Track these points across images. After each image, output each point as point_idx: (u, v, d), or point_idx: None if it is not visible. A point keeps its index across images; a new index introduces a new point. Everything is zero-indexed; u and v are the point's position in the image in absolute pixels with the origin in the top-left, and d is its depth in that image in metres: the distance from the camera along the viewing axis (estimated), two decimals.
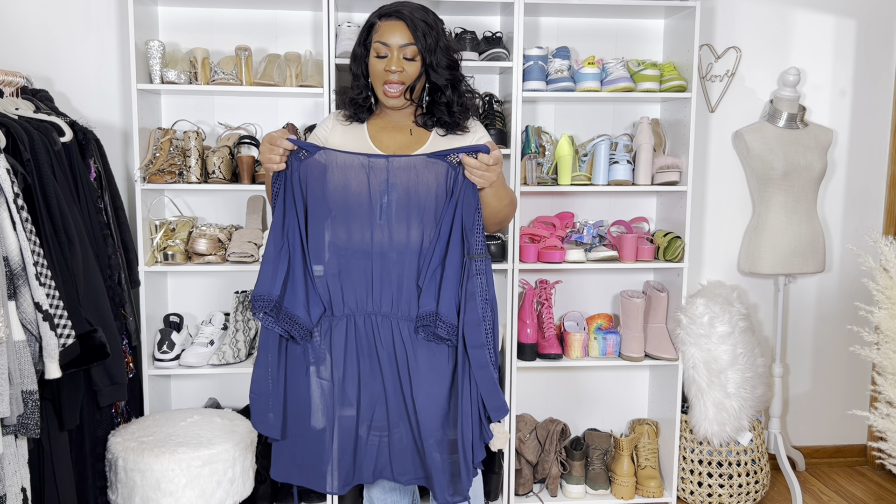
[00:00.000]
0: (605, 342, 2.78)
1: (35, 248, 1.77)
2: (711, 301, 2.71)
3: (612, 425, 3.06)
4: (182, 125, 2.68)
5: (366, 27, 1.92)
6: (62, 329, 1.80)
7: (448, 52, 1.90)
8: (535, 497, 2.81)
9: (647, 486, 2.81)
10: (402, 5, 1.87)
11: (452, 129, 1.94)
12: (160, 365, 2.57)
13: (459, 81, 1.94)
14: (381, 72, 1.86)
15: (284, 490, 2.66)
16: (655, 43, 2.90)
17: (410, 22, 1.84)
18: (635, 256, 2.73)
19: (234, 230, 2.72)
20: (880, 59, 3.05)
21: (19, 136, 1.88)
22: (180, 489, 2.11)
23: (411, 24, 1.84)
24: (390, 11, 1.87)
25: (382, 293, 1.81)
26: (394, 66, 1.84)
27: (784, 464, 2.90)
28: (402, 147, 1.93)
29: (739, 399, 2.70)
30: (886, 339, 2.00)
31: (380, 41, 1.86)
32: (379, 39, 1.86)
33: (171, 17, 2.72)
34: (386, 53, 1.85)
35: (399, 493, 2.16)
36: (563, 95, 2.67)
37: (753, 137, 2.85)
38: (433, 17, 1.89)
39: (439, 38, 1.88)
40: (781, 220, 2.84)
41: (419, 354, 1.80)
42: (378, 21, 1.88)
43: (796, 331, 3.15)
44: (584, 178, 2.73)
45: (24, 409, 1.72)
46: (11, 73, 2.17)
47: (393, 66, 1.84)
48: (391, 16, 1.86)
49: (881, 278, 2.01)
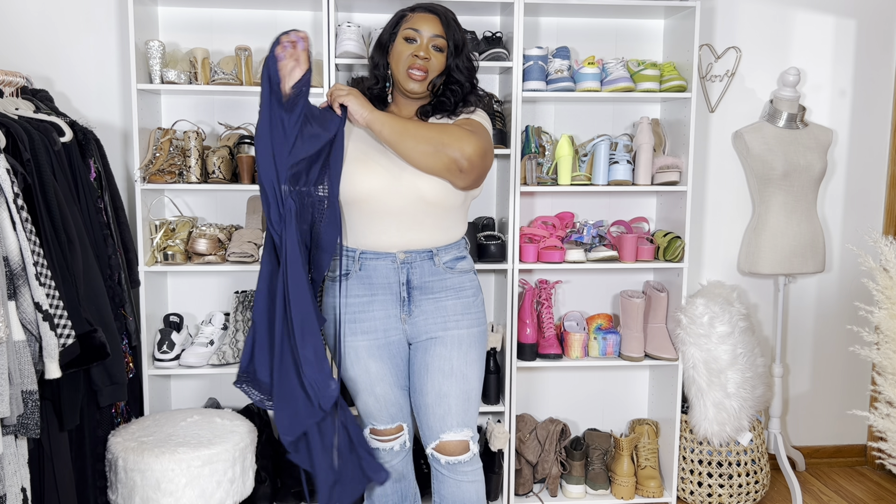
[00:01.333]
0: (605, 342, 2.78)
1: (35, 248, 1.77)
2: (711, 301, 2.71)
3: (612, 425, 3.06)
4: (182, 125, 2.68)
5: (395, 18, 1.97)
6: (62, 329, 1.80)
7: (471, 56, 1.98)
8: (535, 497, 2.81)
9: (647, 486, 2.81)
10: (436, 5, 1.95)
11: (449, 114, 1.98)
12: (160, 365, 2.57)
13: (474, 86, 2.01)
14: (407, 56, 1.90)
15: (284, 490, 2.66)
16: (655, 43, 2.90)
17: (444, 17, 1.92)
18: (635, 256, 2.73)
19: (234, 230, 2.72)
20: (880, 59, 3.05)
21: (19, 136, 1.88)
22: (180, 489, 2.11)
23: (444, 19, 1.91)
24: (425, 6, 1.94)
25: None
26: (423, 52, 1.89)
27: (784, 464, 2.90)
28: None
29: (739, 399, 2.70)
30: (886, 339, 2.00)
31: (412, 27, 1.91)
32: (411, 26, 1.91)
33: (171, 17, 2.72)
34: (416, 39, 1.90)
35: (399, 494, 2.16)
36: (563, 95, 2.67)
37: (753, 137, 2.85)
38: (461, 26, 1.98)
39: (465, 41, 1.96)
40: (781, 220, 2.85)
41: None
42: (410, 13, 1.94)
43: (796, 331, 3.15)
44: (584, 178, 2.73)
45: (24, 409, 1.72)
46: (11, 73, 2.17)
47: (422, 52, 1.89)
48: (425, 9, 1.93)
49: (881, 278, 2.01)
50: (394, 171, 1.88)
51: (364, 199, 1.89)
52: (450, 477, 1.97)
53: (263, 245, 1.91)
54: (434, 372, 1.95)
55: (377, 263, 1.94)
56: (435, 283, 1.96)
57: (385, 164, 1.89)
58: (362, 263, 1.95)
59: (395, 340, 1.99)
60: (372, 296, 1.96)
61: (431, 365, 1.95)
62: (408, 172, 1.87)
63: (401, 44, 1.91)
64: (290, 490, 2.65)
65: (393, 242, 1.93)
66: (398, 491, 2.14)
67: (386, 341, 1.99)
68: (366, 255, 1.95)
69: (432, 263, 1.95)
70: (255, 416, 2.74)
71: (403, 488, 2.15)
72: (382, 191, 1.88)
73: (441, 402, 1.94)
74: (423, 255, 1.95)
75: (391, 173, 1.88)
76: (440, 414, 1.95)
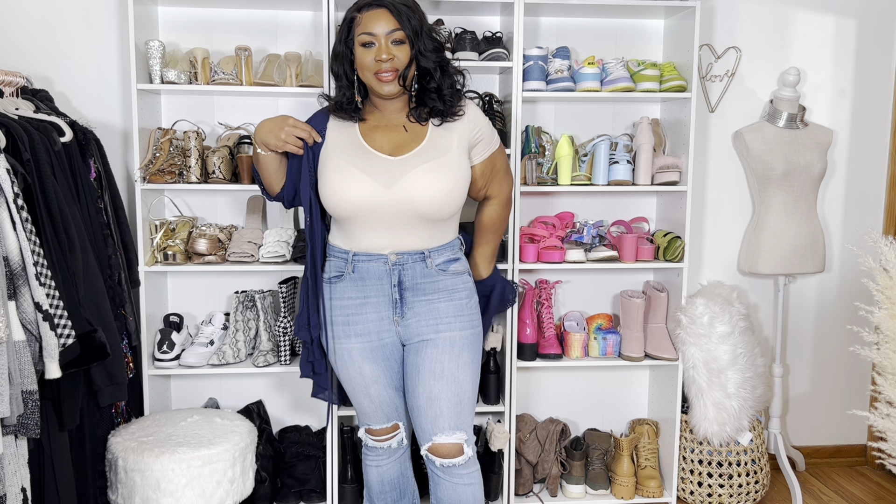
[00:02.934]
0: (605, 342, 2.78)
1: (35, 248, 1.77)
2: (711, 301, 2.71)
3: (612, 425, 3.06)
4: (182, 125, 2.68)
5: (345, 24, 1.88)
6: (62, 329, 1.80)
7: (432, 34, 1.88)
8: (535, 497, 2.81)
9: (647, 486, 2.81)
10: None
11: (447, 116, 1.93)
12: (160, 365, 2.57)
13: (447, 63, 1.92)
14: (370, 62, 1.84)
15: (284, 490, 2.66)
16: (655, 43, 2.90)
17: (393, 7, 1.81)
18: (635, 256, 2.73)
19: (234, 230, 2.72)
20: (880, 59, 3.05)
21: (19, 136, 1.88)
22: (180, 489, 2.11)
23: (394, 9, 1.81)
24: (369, 2, 1.83)
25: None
26: (384, 54, 1.81)
27: (784, 464, 2.90)
28: (398, 146, 1.91)
29: (739, 399, 2.70)
30: (886, 339, 2.00)
31: (365, 32, 1.82)
32: (364, 31, 1.83)
33: (171, 17, 2.72)
34: (373, 41, 1.82)
35: (398, 491, 2.16)
36: (563, 95, 2.67)
37: (753, 137, 2.85)
38: (413, 1, 1.87)
39: (423, 21, 1.86)
40: (781, 220, 2.84)
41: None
42: (358, 14, 1.84)
43: (796, 331, 3.15)
44: (584, 178, 2.73)
45: (24, 409, 1.72)
46: (11, 73, 2.17)
47: (383, 54, 1.81)
48: (371, 6, 1.83)
49: (881, 278, 2.01)
50: (383, 181, 1.86)
51: (353, 210, 1.89)
52: (445, 479, 1.96)
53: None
54: (425, 374, 1.93)
55: (369, 265, 1.94)
56: (427, 284, 1.95)
57: (374, 175, 1.87)
58: (355, 265, 1.95)
59: (389, 342, 1.99)
60: (365, 298, 1.96)
61: (423, 367, 1.94)
62: (400, 184, 1.86)
63: (360, 51, 1.85)
64: (290, 490, 2.65)
65: (384, 245, 1.92)
66: (396, 488, 2.15)
67: (379, 343, 1.98)
68: (358, 257, 1.94)
69: (424, 265, 1.94)
70: (255, 416, 2.74)
71: (402, 486, 2.16)
72: (372, 201, 1.87)
73: (432, 405, 1.93)
74: (415, 256, 1.93)
75: (381, 183, 1.86)
76: (432, 416, 1.93)
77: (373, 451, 2.12)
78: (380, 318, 1.97)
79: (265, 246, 2.58)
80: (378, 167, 1.87)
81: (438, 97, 1.92)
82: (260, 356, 2.60)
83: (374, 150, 1.90)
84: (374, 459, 2.13)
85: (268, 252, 2.57)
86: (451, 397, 1.93)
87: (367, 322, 1.97)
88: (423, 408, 1.94)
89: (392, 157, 1.89)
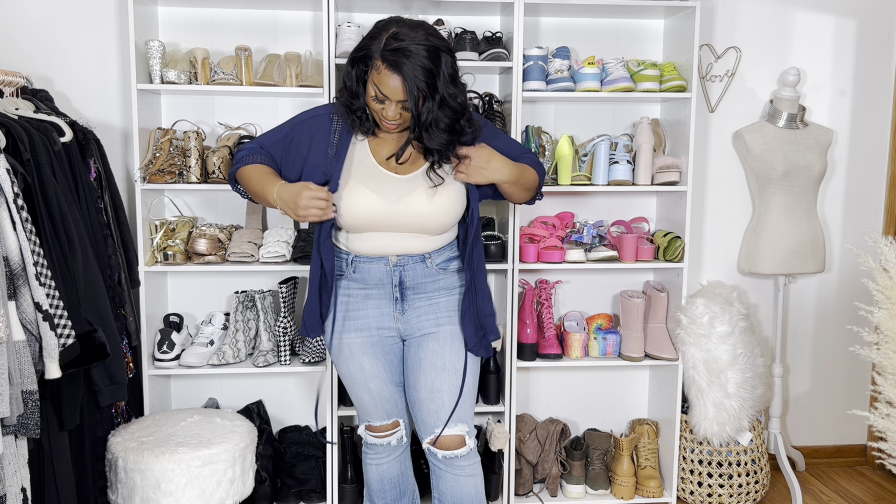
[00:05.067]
0: (605, 342, 2.78)
1: (35, 248, 1.77)
2: (711, 301, 2.71)
3: (612, 425, 3.06)
4: (182, 125, 2.68)
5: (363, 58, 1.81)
6: (62, 329, 1.80)
7: (454, 98, 1.80)
8: (535, 497, 2.81)
9: (647, 486, 2.81)
10: (406, 52, 1.73)
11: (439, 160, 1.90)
12: (160, 365, 2.57)
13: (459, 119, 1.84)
14: (379, 110, 1.84)
15: (284, 490, 2.66)
16: (655, 43, 2.90)
17: (411, 81, 1.73)
18: (635, 256, 2.73)
19: (234, 230, 2.72)
20: (880, 59, 3.05)
21: (19, 136, 1.88)
22: (180, 489, 2.11)
23: (410, 81, 1.74)
24: (392, 60, 1.74)
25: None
26: (390, 114, 1.81)
27: (784, 464, 2.90)
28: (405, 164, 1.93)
29: (739, 399, 2.70)
30: (886, 339, 2.00)
31: (378, 87, 1.78)
32: (377, 85, 1.78)
33: (171, 17, 2.71)
34: (384, 101, 1.80)
35: (398, 490, 2.17)
36: (563, 95, 2.67)
37: (753, 137, 2.85)
38: (437, 56, 1.75)
39: (444, 86, 1.77)
40: (781, 220, 2.84)
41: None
42: (380, 62, 1.76)
43: (796, 331, 3.15)
44: (583, 178, 2.73)
45: (24, 409, 1.72)
46: (11, 73, 2.17)
47: (390, 114, 1.82)
48: (392, 65, 1.74)
49: (881, 278, 2.01)
50: (390, 199, 1.89)
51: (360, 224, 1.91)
52: (447, 471, 1.98)
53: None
54: (426, 367, 1.96)
55: (370, 266, 1.96)
56: (427, 283, 1.98)
57: (382, 193, 1.89)
58: (356, 266, 1.97)
59: (389, 337, 2.01)
60: (366, 294, 1.98)
61: (424, 360, 1.97)
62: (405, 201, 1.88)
63: (371, 97, 1.82)
64: (290, 490, 2.65)
65: (385, 250, 1.95)
66: (396, 487, 2.15)
67: (380, 338, 2.00)
68: (359, 259, 1.96)
69: (425, 266, 1.97)
70: (255, 416, 2.74)
71: (402, 485, 2.16)
72: (378, 214, 1.89)
73: (434, 397, 1.95)
74: (416, 258, 1.96)
75: (388, 200, 1.89)
76: (434, 409, 1.96)
77: (373, 448, 2.13)
78: (380, 313, 1.99)
79: (265, 246, 2.58)
80: (386, 186, 1.91)
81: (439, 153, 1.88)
82: (260, 356, 2.61)
83: (383, 169, 1.92)
84: (373, 457, 2.14)
85: (268, 252, 2.57)
86: (453, 389, 1.95)
87: (368, 317, 1.99)
88: (424, 401, 1.97)
89: (399, 175, 1.92)
